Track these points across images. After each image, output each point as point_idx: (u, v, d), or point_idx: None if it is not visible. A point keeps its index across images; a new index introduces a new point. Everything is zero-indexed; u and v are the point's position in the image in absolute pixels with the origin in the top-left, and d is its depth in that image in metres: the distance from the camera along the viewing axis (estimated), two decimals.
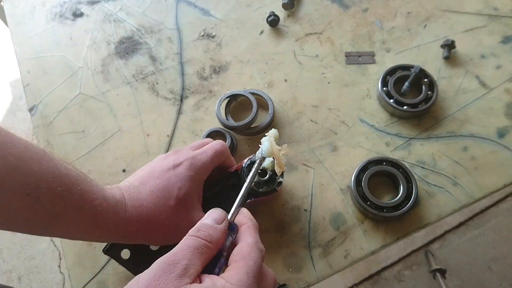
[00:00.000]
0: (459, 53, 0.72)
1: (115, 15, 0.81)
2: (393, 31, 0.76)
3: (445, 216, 0.61)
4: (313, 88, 0.72)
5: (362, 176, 0.62)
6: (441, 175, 0.64)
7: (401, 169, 0.62)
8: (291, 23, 0.78)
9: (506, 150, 0.65)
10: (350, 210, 0.62)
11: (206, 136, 0.67)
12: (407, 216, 0.61)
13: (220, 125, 0.68)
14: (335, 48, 0.75)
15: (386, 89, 0.68)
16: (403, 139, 0.67)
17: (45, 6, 0.83)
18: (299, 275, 0.59)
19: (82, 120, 0.71)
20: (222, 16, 0.80)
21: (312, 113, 0.70)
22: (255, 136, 0.68)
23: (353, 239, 0.60)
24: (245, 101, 0.70)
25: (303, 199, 0.63)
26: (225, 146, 0.60)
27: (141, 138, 0.70)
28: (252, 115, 0.66)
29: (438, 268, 1.40)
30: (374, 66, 0.73)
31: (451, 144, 0.66)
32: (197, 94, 0.73)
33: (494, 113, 0.67)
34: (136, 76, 0.75)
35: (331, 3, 0.79)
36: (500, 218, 1.56)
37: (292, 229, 0.61)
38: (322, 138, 0.68)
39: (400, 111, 0.67)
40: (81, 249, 0.62)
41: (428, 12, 0.77)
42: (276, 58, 0.75)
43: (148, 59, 0.76)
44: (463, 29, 0.74)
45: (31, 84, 0.76)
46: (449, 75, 0.71)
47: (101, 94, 0.74)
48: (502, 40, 0.73)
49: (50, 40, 0.79)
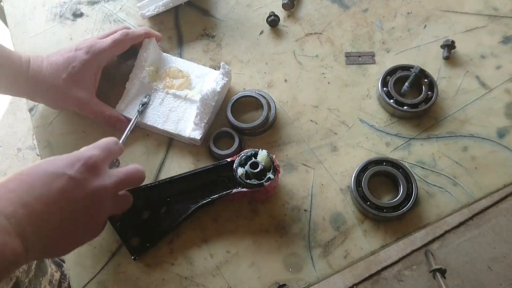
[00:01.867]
0: (459, 53, 0.72)
1: (115, 15, 0.81)
2: (393, 31, 0.76)
3: (445, 216, 0.61)
4: (313, 88, 0.72)
5: (362, 176, 0.62)
6: (441, 175, 0.64)
7: (401, 169, 0.62)
8: (291, 23, 0.78)
9: (506, 150, 0.65)
10: (350, 210, 0.62)
11: (214, 137, 0.66)
12: (407, 216, 0.61)
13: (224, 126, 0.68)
14: (335, 48, 0.75)
15: (386, 89, 0.68)
16: (403, 139, 0.67)
17: (45, 6, 0.83)
18: (299, 275, 0.59)
19: (82, 120, 0.71)
20: (222, 16, 0.80)
21: (312, 113, 0.70)
22: (255, 137, 0.68)
23: (353, 239, 0.60)
24: (244, 101, 0.70)
25: (303, 199, 0.63)
26: (127, 35, 0.68)
27: (141, 138, 0.70)
28: (263, 117, 0.66)
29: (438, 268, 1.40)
30: (374, 66, 0.73)
31: (451, 144, 0.66)
32: None
33: (494, 113, 0.67)
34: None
35: (331, 3, 0.79)
36: (500, 218, 1.56)
37: (292, 229, 0.61)
38: (322, 138, 0.68)
39: (400, 111, 0.67)
40: (81, 249, 0.62)
41: (428, 12, 0.77)
42: (276, 58, 0.75)
43: None
44: (463, 29, 0.74)
45: None
46: (449, 75, 0.71)
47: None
48: (502, 40, 0.73)
49: (50, 40, 0.79)
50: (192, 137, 0.66)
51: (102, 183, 0.50)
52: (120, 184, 0.53)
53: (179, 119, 0.68)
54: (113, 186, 0.51)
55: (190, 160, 0.67)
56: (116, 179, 0.52)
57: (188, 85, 0.71)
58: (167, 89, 0.70)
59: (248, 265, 0.59)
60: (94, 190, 0.49)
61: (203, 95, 0.65)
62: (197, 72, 0.72)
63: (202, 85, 0.71)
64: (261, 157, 0.59)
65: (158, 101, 0.70)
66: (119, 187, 0.53)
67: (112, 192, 0.52)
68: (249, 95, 0.69)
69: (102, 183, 0.50)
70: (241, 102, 0.70)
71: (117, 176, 0.52)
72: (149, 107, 0.69)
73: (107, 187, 0.50)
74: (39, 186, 0.46)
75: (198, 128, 0.66)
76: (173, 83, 0.70)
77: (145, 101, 0.69)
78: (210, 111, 0.66)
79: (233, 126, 0.67)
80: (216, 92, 0.66)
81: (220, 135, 0.67)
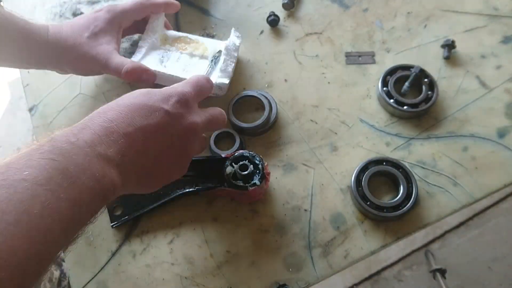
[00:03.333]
0: (459, 53, 0.72)
1: None
2: (393, 31, 0.76)
3: (445, 216, 0.61)
4: (313, 88, 0.72)
5: (362, 176, 0.62)
6: (441, 175, 0.64)
7: (401, 169, 0.62)
8: (291, 23, 0.78)
9: (506, 150, 0.65)
10: (350, 210, 0.62)
11: (214, 138, 0.66)
12: (407, 216, 0.61)
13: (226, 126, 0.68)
14: (335, 48, 0.75)
15: (386, 89, 0.68)
16: (403, 139, 0.67)
17: (45, 6, 0.83)
18: (299, 275, 0.59)
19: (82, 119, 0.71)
20: (222, 16, 0.80)
21: (312, 113, 0.70)
22: (255, 137, 0.68)
23: (353, 239, 0.60)
24: (245, 101, 0.70)
25: (303, 199, 0.63)
26: (149, 0, 0.69)
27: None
28: (265, 117, 0.66)
29: (438, 268, 1.40)
30: (374, 66, 0.73)
31: (451, 144, 0.66)
32: None
33: (494, 113, 0.67)
34: None
35: (331, 3, 0.79)
36: (500, 218, 1.56)
37: (292, 229, 0.61)
38: (322, 138, 0.68)
39: (400, 111, 0.67)
40: (81, 249, 0.62)
41: (428, 12, 0.77)
42: (276, 58, 0.75)
43: None
44: (463, 29, 0.74)
45: (31, 84, 0.76)
46: (449, 75, 0.71)
47: (101, 94, 0.74)
48: (502, 40, 0.73)
49: None
50: (219, 83, 0.66)
51: (195, 120, 0.50)
52: (208, 123, 0.53)
53: (199, 72, 0.68)
54: (204, 124, 0.52)
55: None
56: (205, 118, 0.52)
57: (201, 47, 0.71)
58: (181, 51, 0.71)
59: (248, 265, 0.59)
60: (188, 125, 0.49)
61: (227, 45, 0.67)
62: (207, 43, 0.72)
63: (215, 49, 0.70)
64: (258, 161, 0.59)
65: (174, 59, 0.70)
66: (208, 127, 0.53)
67: (202, 129, 0.52)
68: (251, 95, 0.69)
69: (195, 120, 0.50)
70: (242, 102, 0.70)
71: (206, 115, 0.53)
72: (165, 63, 0.69)
73: (198, 124, 0.50)
74: (139, 118, 0.45)
75: (225, 75, 0.67)
76: (186, 47, 0.71)
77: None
78: (233, 62, 0.68)
79: (234, 126, 0.67)
80: (237, 46, 0.69)
81: (220, 135, 0.67)
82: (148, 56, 0.70)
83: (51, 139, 0.38)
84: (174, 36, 0.73)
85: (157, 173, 0.48)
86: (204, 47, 0.71)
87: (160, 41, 0.72)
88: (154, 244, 0.62)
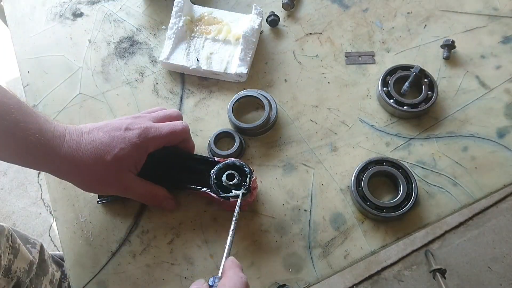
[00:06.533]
0: (459, 53, 0.72)
1: (115, 15, 0.81)
2: (393, 31, 0.76)
3: (445, 216, 0.61)
4: (313, 88, 0.72)
5: (362, 176, 0.62)
6: (441, 175, 0.64)
7: (401, 169, 0.62)
8: (291, 23, 0.78)
9: (506, 150, 0.65)
10: (350, 210, 0.62)
11: (214, 137, 0.66)
12: (407, 216, 0.61)
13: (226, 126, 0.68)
14: (335, 48, 0.75)
15: (386, 89, 0.68)
16: (403, 139, 0.67)
17: (45, 6, 0.83)
18: (299, 275, 0.59)
19: (82, 120, 0.71)
20: None
21: (312, 113, 0.70)
22: (255, 137, 0.68)
23: (353, 239, 0.60)
24: (245, 101, 0.70)
25: (303, 199, 0.63)
26: (186, 128, 0.61)
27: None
28: (265, 117, 0.66)
29: (438, 268, 1.40)
30: (374, 66, 0.73)
31: (451, 144, 0.66)
32: (197, 94, 0.73)
33: (494, 113, 0.67)
34: (136, 76, 0.75)
35: (331, 3, 0.79)
36: (500, 218, 1.56)
37: (292, 229, 0.61)
38: (322, 138, 0.68)
39: (400, 111, 0.67)
40: (81, 249, 0.62)
41: (428, 12, 0.77)
42: (276, 58, 0.75)
43: (148, 59, 0.76)
44: (463, 29, 0.74)
45: (31, 84, 0.76)
46: (449, 75, 0.71)
47: (101, 94, 0.74)
48: (502, 40, 0.73)
49: (50, 40, 0.79)
50: (239, 73, 0.70)
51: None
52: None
53: (222, 59, 0.72)
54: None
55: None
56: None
57: (224, 29, 0.75)
58: (205, 35, 0.74)
59: (248, 265, 0.59)
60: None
61: (245, 32, 0.71)
62: (229, 18, 0.76)
63: (237, 27, 0.74)
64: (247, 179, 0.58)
65: (199, 47, 0.74)
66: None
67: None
68: (251, 95, 0.69)
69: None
70: (242, 102, 0.70)
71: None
72: (190, 53, 0.73)
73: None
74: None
75: (243, 64, 0.71)
76: (210, 29, 0.75)
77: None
78: (252, 48, 0.72)
79: (234, 126, 0.67)
80: (255, 29, 0.72)
81: (220, 135, 0.67)
82: (174, 52, 0.73)
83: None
84: (200, 13, 0.76)
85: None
86: (227, 29, 0.74)
87: (186, 25, 0.74)
88: (154, 244, 0.62)
